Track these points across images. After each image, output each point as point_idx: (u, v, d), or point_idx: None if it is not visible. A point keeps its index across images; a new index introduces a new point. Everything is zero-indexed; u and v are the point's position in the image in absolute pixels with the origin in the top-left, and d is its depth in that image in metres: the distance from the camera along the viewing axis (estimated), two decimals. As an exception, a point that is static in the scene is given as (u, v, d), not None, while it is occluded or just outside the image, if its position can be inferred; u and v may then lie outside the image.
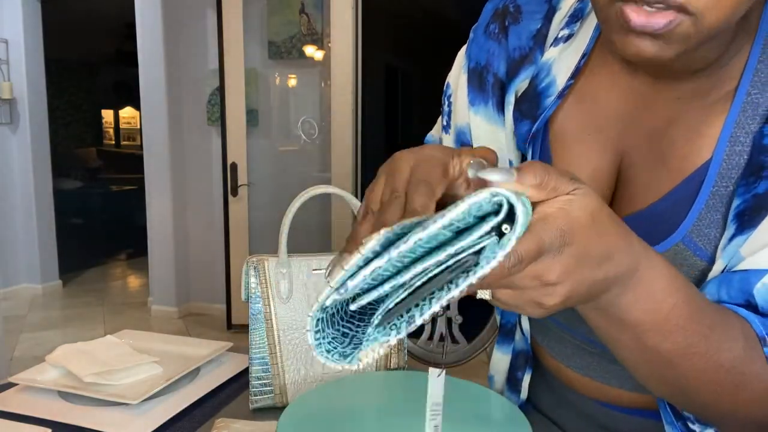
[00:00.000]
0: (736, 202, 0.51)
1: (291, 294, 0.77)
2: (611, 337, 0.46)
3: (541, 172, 0.37)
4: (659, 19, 0.43)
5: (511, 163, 0.66)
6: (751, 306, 0.48)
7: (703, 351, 0.44)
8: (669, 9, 0.43)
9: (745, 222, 0.50)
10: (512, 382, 0.77)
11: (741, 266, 0.49)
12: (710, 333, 0.45)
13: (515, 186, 0.36)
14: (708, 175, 0.53)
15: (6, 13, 3.99)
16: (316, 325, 0.37)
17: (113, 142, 9.91)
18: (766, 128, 0.50)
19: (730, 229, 0.51)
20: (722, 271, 0.52)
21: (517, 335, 0.76)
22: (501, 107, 0.66)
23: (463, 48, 0.72)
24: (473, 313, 0.83)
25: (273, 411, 0.76)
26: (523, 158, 0.66)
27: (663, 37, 0.44)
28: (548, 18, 0.65)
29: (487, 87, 0.67)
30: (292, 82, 3.54)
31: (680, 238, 0.54)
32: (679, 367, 0.45)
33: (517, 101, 0.65)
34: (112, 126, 9.99)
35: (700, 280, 0.54)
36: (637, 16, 0.44)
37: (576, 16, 0.63)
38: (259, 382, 0.76)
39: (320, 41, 3.34)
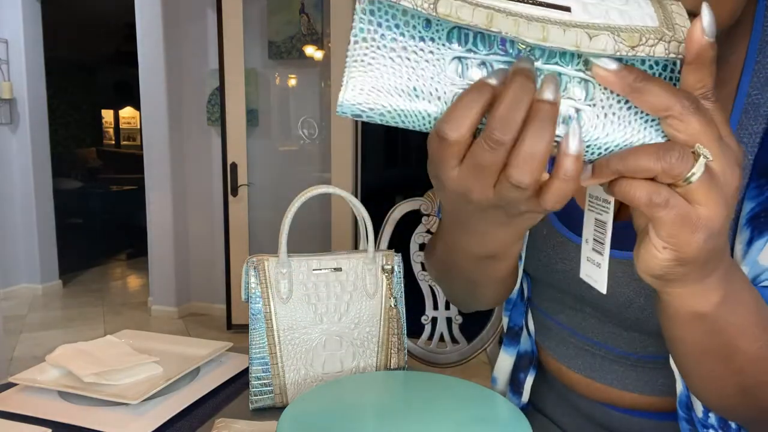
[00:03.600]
0: (749, 206, 0.50)
1: (291, 294, 0.77)
2: (690, 331, 0.43)
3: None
4: None
5: None
6: None
7: None
8: None
9: (761, 224, 0.49)
10: (515, 383, 0.77)
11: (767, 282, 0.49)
12: None
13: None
14: None
15: (6, 13, 3.99)
16: None
17: (113, 142, 9.92)
18: None
19: (745, 234, 0.50)
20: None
21: (523, 336, 0.76)
22: None
23: None
24: (473, 313, 0.83)
25: (273, 411, 0.76)
26: None
27: None
28: None
29: None
30: (292, 82, 3.54)
31: None
32: (749, 364, 0.44)
33: None
34: (112, 126, 9.99)
35: None
36: None
37: None
38: (259, 382, 0.76)
39: (320, 41, 3.34)
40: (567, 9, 0.33)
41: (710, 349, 0.43)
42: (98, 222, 6.25)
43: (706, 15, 0.32)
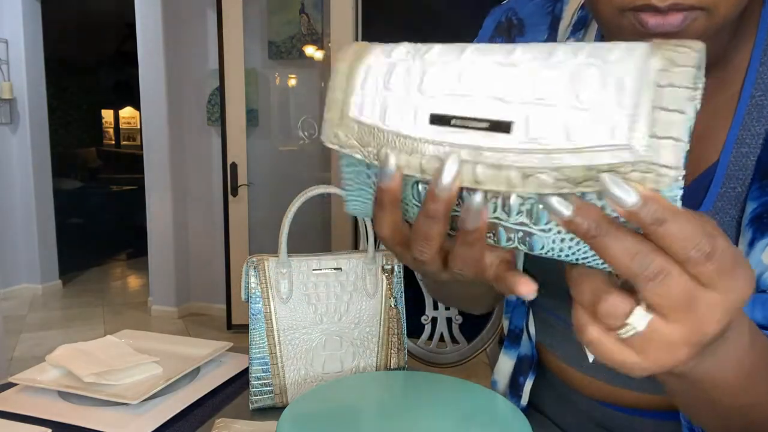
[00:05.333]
0: (751, 206, 0.50)
1: (291, 294, 0.77)
2: (690, 398, 0.42)
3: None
4: (674, 19, 0.43)
5: None
6: None
7: None
8: (683, 11, 0.43)
9: (764, 225, 0.49)
10: (514, 386, 0.77)
11: None
12: None
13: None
14: (715, 178, 0.53)
15: (6, 13, 3.99)
16: None
17: (113, 142, 9.91)
18: None
19: (747, 235, 0.50)
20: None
21: (524, 339, 0.76)
22: None
23: None
24: (473, 314, 0.82)
25: (273, 411, 0.76)
26: None
27: (679, 35, 0.44)
28: (554, 28, 0.65)
29: None
30: (292, 82, 3.54)
31: None
32: (754, 415, 0.43)
33: None
34: (112, 126, 9.98)
35: None
36: (653, 19, 0.44)
37: (580, 24, 0.63)
38: (259, 382, 0.76)
39: (320, 41, 3.34)
40: (507, 128, 0.29)
41: (690, 398, 0.42)
42: (98, 222, 6.24)
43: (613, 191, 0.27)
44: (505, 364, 0.78)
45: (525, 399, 0.75)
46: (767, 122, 0.51)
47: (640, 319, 0.29)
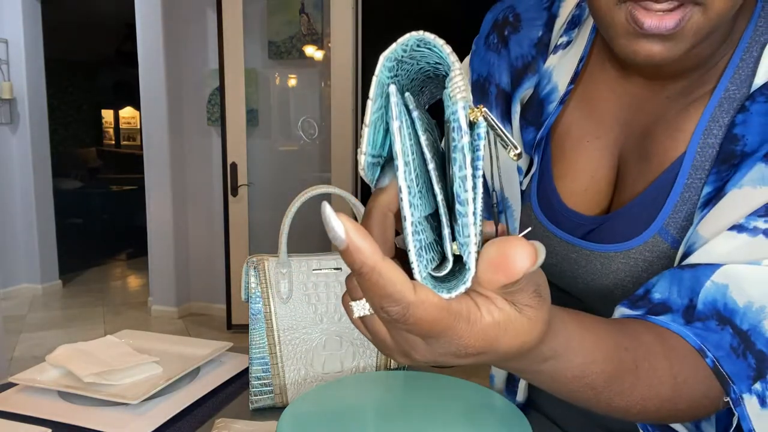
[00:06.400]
0: (706, 190, 0.51)
1: (291, 294, 0.77)
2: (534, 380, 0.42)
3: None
4: (670, 20, 0.43)
5: (519, 170, 0.66)
6: (690, 307, 0.47)
7: (634, 387, 0.43)
8: (678, 8, 0.43)
9: (711, 204, 0.50)
10: (511, 383, 0.77)
11: (693, 259, 0.49)
12: (637, 370, 0.43)
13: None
14: (682, 168, 0.54)
15: (6, 13, 3.99)
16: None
17: (113, 142, 9.92)
18: (738, 117, 0.51)
19: (699, 215, 0.51)
20: (682, 254, 0.51)
21: None
22: (506, 117, 0.66)
23: (467, 59, 0.72)
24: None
25: (273, 411, 0.76)
26: (531, 164, 0.66)
27: (674, 36, 0.44)
28: (548, 26, 0.65)
29: (491, 98, 0.67)
30: (292, 82, 3.54)
31: (657, 230, 0.55)
32: (617, 403, 0.44)
33: (522, 109, 0.66)
34: (112, 126, 9.99)
35: None
36: (649, 19, 0.44)
37: (574, 23, 0.63)
38: (259, 382, 0.76)
39: (320, 41, 3.34)
40: None
41: (561, 390, 0.42)
42: (98, 222, 6.25)
43: None
44: None
45: (521, 395, 0.75)
46: (735, 112, 0.52)
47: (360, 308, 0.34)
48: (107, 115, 9.90)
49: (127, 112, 9.84)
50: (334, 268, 0.79)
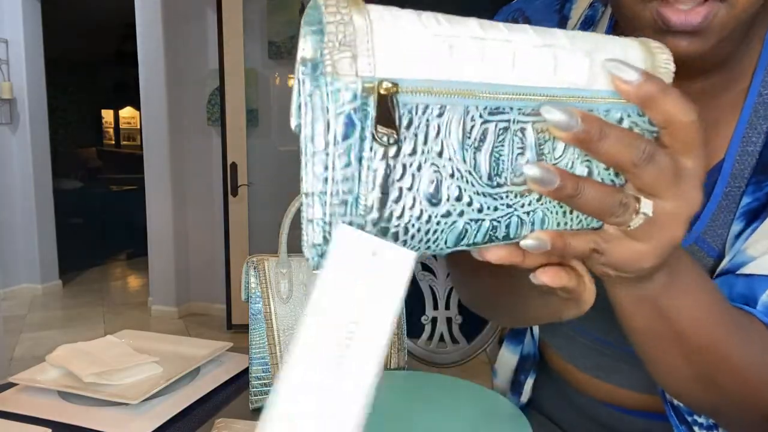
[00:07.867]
0: (745, 200, 0.51)
1: (291, 294, 0.77)
2: (653, 332, 0.43)
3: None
4: (696, 16, 0.43)
5: None
6: None
7: (735, 345, 0.43)
8: (704, 3, 0.43)
9: (752, 218, 0.50)
10: (515, 384, 0.77)
11: (746, 270, 0.48)
12: (737, 330, 0.44)
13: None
14: (721, 176, 0.53)
15: (6, 13, 3.99)
16: None
17: (113, 142, 9.91)
18: None
19: (737, 226, 0.51)
20: (725, 270, 0.51)
21: (527, 338, 0.76)
22: None
23: None
24: (473, 313, 0.82)
25: (273, 411, 0.76)
26: None
27: (700, 32, 0.44)
28: (561, 28, 0.64)
29: None
30: (292, 82, 3.53)
31: (694, 239, 0.54)
32: (710, 357, 0.44)
33: None
34: (112, 126, 9.98)
35: None
36: (676, 16, 0.43)
37: (588, 24, 0.63)
38: (259, 382, 0.76)
39: (320, 41, 3.34)
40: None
41: (659, 335, 0.42)
42: (98, 222, 6.24)
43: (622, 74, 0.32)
44: (507, 357, 0.78)
45: (525, 397, 0.75)
46: None
47: (646, 206, 0.33)
48: (107, 115, 9.89)
49: (127, 112, 9.83)
50: (334, 268, 0.79)
